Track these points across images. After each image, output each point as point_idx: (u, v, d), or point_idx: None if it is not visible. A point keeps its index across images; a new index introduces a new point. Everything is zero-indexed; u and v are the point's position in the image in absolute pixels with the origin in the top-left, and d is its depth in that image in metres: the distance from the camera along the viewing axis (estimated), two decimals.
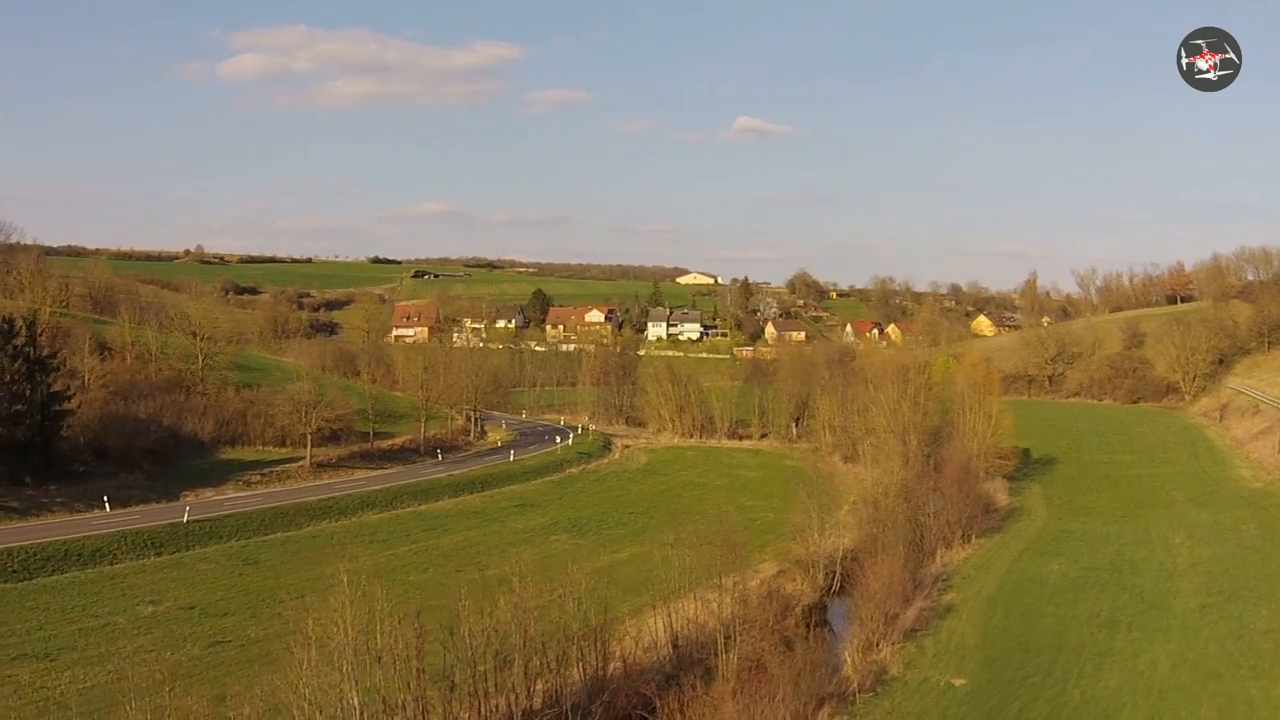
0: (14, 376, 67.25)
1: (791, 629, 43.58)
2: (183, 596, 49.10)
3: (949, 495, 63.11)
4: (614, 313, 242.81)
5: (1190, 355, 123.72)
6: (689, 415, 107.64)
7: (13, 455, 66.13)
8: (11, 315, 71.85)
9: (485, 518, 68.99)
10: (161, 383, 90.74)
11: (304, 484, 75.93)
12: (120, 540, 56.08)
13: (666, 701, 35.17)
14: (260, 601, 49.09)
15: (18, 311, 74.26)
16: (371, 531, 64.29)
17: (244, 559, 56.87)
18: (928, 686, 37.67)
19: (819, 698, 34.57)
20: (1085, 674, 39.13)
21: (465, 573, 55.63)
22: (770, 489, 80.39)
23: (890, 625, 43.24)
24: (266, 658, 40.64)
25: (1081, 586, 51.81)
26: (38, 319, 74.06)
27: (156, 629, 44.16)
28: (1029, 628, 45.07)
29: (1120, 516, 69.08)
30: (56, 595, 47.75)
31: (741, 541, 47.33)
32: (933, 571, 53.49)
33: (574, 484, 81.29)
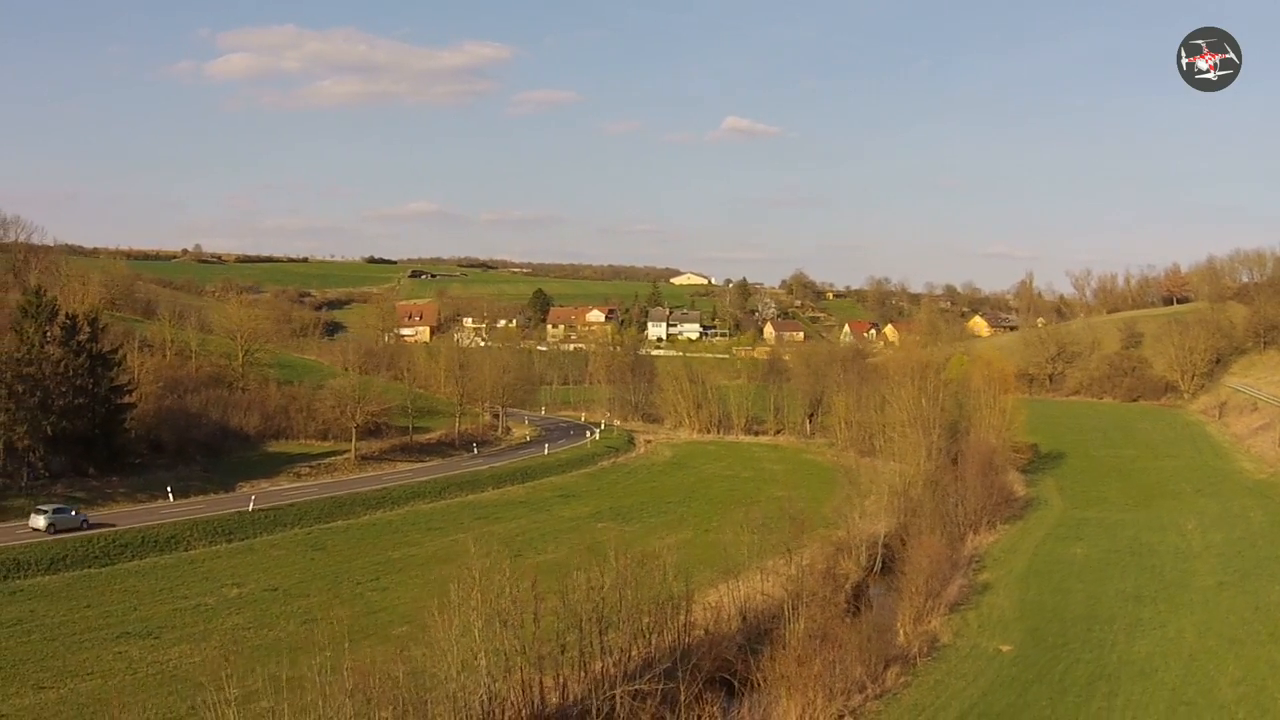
0: (77, 372, 70.21)
1: (843, 604, 47.16)
2: (263, 579, 52.07)
3: (972, 485, 66.73)
4: (614, 312, 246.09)
5: (1189, 355, 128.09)
6: (706, 412, 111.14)
7: (77, 447, 69.20)
8: (74, 313, 74.95)
9: (531, 507, 72.43)
10: (203, 379, 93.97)
11: (351, 475, 79.29)
12: (192, 528, 59.22)
13: (745, 664, 38.91)
14: (337, 583, 52.29)
15: (80, 309, 77.22)
16: (426, 520, 67.58)
17: (311, 545, 60.03)
18: (978, 652, 41.31)
19: (885, 660, 38.13)
20: (1119, 641, 42.87)
21: (525, 557, 59.32)
22: (795, 480, 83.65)
23: (936, 600, 46.89)
24: (361, 632, 43.86)
25: (1105, 567, 55.64)
26: (98, 316, 77.15)
27: (246, 609, 47.07)
28: (1062, 602, 48.82)
29: (1132, 505, 72.94)
30: (142, 579, 50.77)
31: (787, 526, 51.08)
32: (966, 553, 57.12)
33: (607, 476, 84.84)
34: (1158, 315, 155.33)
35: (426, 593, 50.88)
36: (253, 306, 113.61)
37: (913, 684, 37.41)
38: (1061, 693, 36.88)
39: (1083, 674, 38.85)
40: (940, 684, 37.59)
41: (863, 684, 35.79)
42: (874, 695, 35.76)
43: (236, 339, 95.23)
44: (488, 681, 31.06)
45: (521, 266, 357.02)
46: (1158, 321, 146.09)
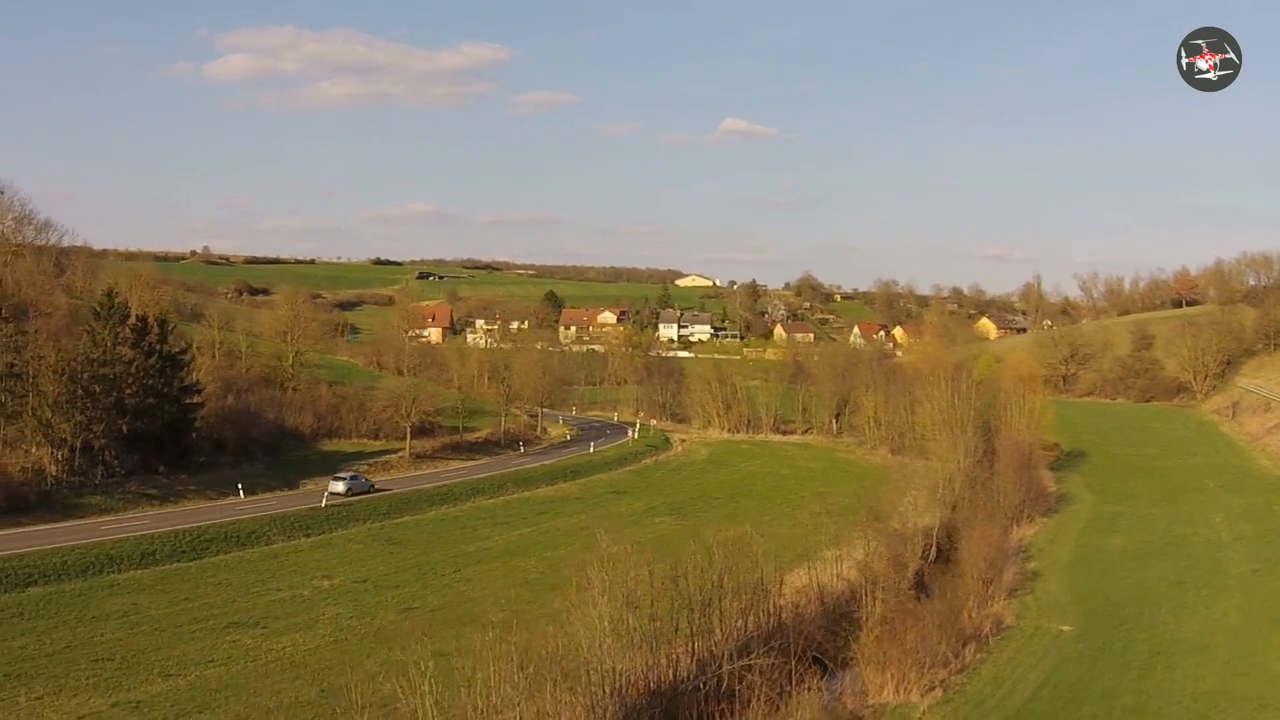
0: (148, 372, 73.27)
1: (907, 590, 50.47)
2: (349, 572, 54.22)
3: (1009, 481, 70.14)
4: (626, 314, 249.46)
5: (1201, 356, 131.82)
6: (735, 412, 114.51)
7: (148, 446, 72.00)
8: (145, 314, 78.17)
9: (586, 503, 75.63)
10: (254, 379, 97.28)
11: (407, 473, 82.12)
12: (270, 523, 61.61)
13: (831, 643, 42.29)
14: (422, 575, 54.64)
15: (150, 311, 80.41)
16: (490, 515, 70.52)
17: (385, 539, 62.40)
18: (1041, 632, 44.71)
19: (961, 638, 41.51)
20: (1168, 621, 46.32)
21: (594, 550, 62.50)
22: (833, 477, 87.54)
23: (994, 586, 50.26)
24: (462, 620, 46.76)
25: (1143, 556, 59.10)
26: (167, 318, 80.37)
27: (342, 600, 49.09)
28: (1109, 588, 52.25)
29: (1160, 500, 76.40)
30: (231, 572, 52.77)
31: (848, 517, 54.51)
32: (1012, 544, 60.52)
33: (652, 473, 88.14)
34: (1168, 317, 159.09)
35: (509, 582, 54.72)
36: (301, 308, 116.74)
37: (988, 660, 40.79)
38: (1124, 666, 40.31)
39: (1141, 650, 42.28)
40: (1013, 660, 40.98)
41: (946, 659, 39.14)
42: (956, 670, 39.10)
43: (288, 340, 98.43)
44: (616, 660, 34.19)
45: (525, 268, 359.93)
46: (1169, 324, 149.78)
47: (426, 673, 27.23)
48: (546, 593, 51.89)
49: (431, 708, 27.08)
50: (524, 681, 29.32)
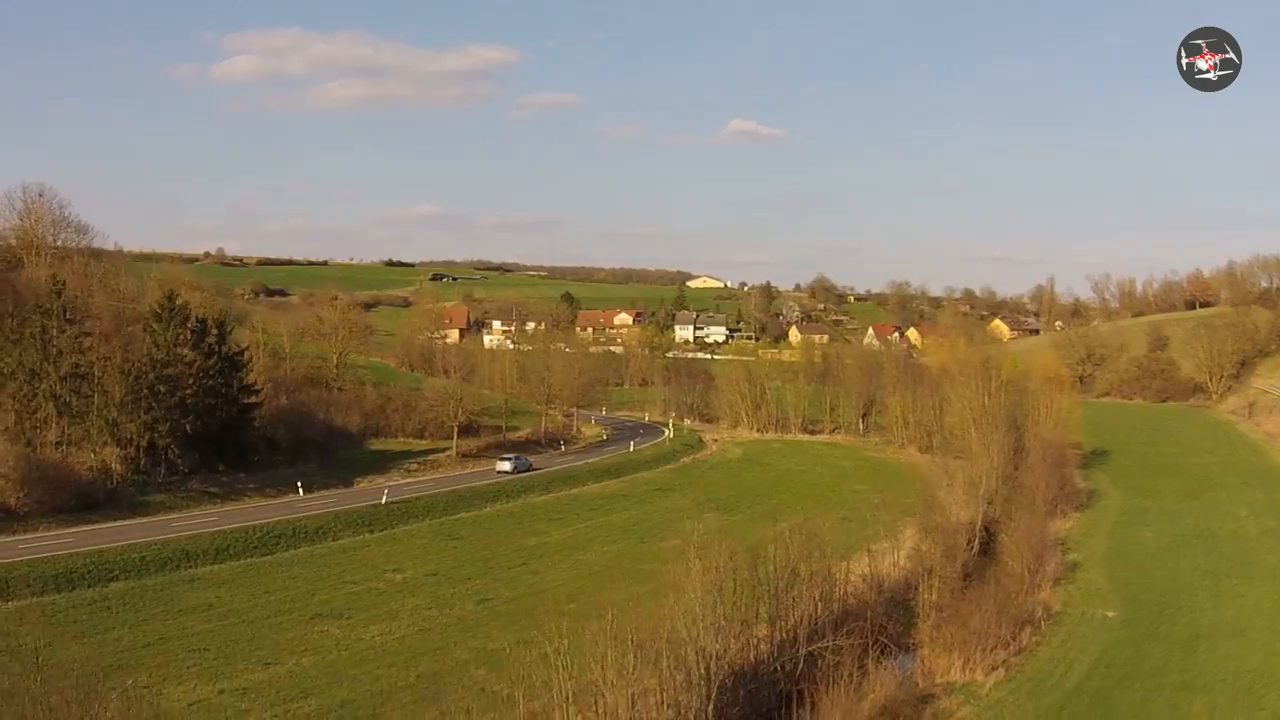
0: (208, 373, 76.29)
1: (957, 579, 53.37)
2: (419, 565, 56.44)
3: (1041, 478, 72.89)
4: (642, 315, 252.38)
5: (1217, 357, 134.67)
6: (764, 412, 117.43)
7: (208, 445, 74.84)
8: (204, 316, 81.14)
9: (634, 499, 78.51)
10: (299, 379, 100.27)
11: (455, 471, 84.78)
12: (335, 519, 63.99)
13: (894, 627, 45.23)
14: (489, 568, 57.06)
15: (209, 313, 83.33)
16: (543, 511, 73.21)
17: (446, 534, 64.88)
18: (1088, 617, 47.67)
19: (1016, 623, 44.46)
20: (1206, 608, 49.27)
21: (648, 544, 65.43)
22: (865, 475, 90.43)
23: (1038, 575, 53.14)
24: (536, 610, 49.04)
25: (1175, 549, 62.02)
26: (225, 320, 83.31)
27: (417, 592, 51.20)
28: (1147, 577, 55.19)
29: (1185, 496, 79.21)
30: (304, 567, 54.94)
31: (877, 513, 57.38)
32: (1050, 538, 63.35)
33: (692, 471, 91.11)
34: (1182, 319, 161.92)
35: (575, 574, 57.51)
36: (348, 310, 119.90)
37: (1043, 643, 43.76)
38: (1170, 648, 43.29)
39: (1183, 634, 45.25)
40: (1066, 642, 43.95)
41: (1005, 642, 42.11)
42: (1014, 652, 42.07)
43: (333, 340, 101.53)
44: (709, 640, 37.04)
45: (535, 269, 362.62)
46: (1184, 325, 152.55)
47: (562, 652, 29.84)
48: (611, 584, 54.77)
49: (567, 682, 29.88)
50: (636, 660, 32.31)
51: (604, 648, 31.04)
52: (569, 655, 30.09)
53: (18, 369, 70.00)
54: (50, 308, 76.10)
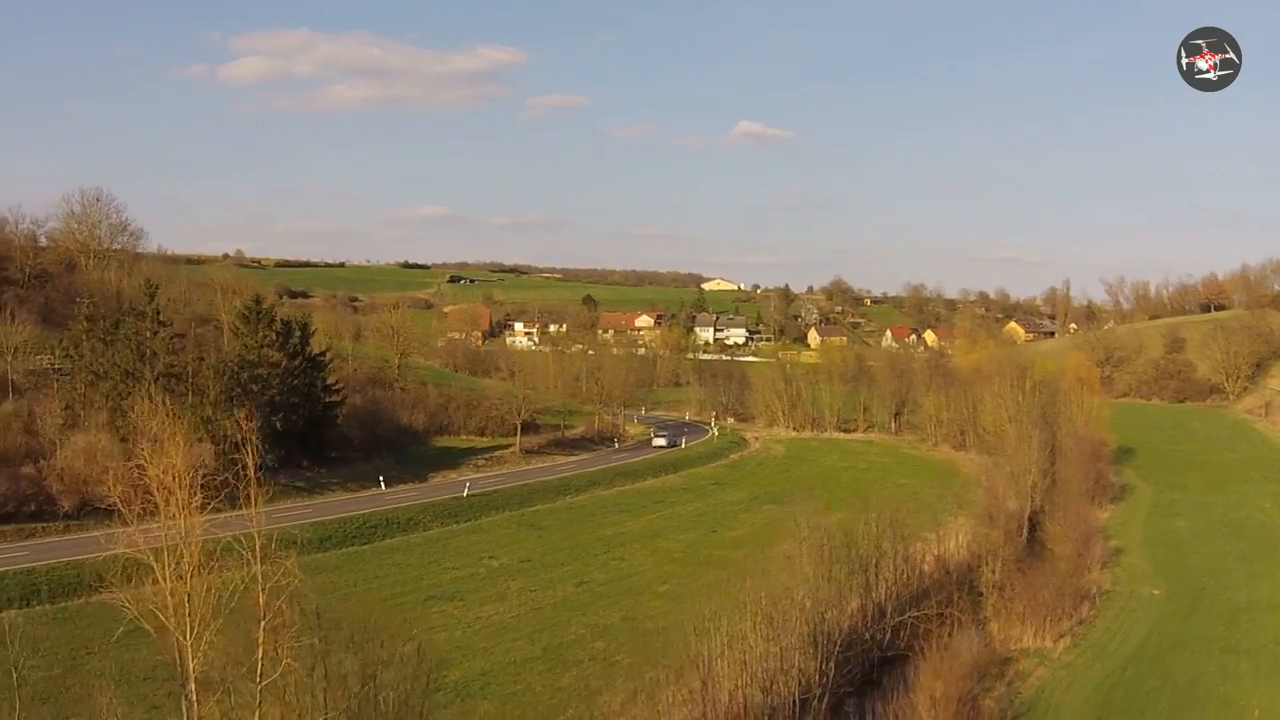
0: (293, 373, 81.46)
1: (1014, 560, 58.58)
2: (511, 553, 60.56)
3: (1078, 472, 78.05)
4: (663, 317, 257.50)
5: (1233, 359, 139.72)
6: (799, 411, 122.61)
7: (293, 442, 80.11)
8: (289, 319, 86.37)
9: (694, 493, 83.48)
10: (364, 380, 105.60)
11: (520, 467, 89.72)
12: (422, 512, 68.16)
13: (963, 602, 50.41)
14: (577, 555, 61.48)
15: (293, 317, 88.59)
16: (612, 504, 77.95)
17: (528, 525, 69.23)
18: (1137, 594, 52.98)
19: (1077, 598, 49.72)
20: (1242, 587, 54.56)
21: (719, 533, 70.64)
22: (906, 470, 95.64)
23: (1086, 558, 58.36)
24: (631, 591, 54.63)
25: (1207, 536, 67.29)
26: (308, 322, 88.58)
27: (517, 576, 55.21)
28: (1184, 561, 60.46)
29: (1210, 490, 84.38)
30: (404, 554, 58.94)
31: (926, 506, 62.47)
32: (1093, 526, 68.58)
33: (742, 467, 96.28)
34: (1198, 321, 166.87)
35: (658, 560, 62.62)
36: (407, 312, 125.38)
37: (1099, 616, 49.10)
38: (1213, 620, 48.62)
39: (1224, 608, 50.56)
40: (1119, 616, 49.27)
41: (1069, 614, 47.39)
42: (1076, 623, 47.37)
43: (394, 341, 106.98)
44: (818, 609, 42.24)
45: (548, 271, 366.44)
46: (1200, 328, 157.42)
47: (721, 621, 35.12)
48: (697, 569, 60.07)
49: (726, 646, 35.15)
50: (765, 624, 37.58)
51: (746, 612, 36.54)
52: (718, 618, 35.37)
53: (111, 369, 75.17)
54: (144, 310, 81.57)
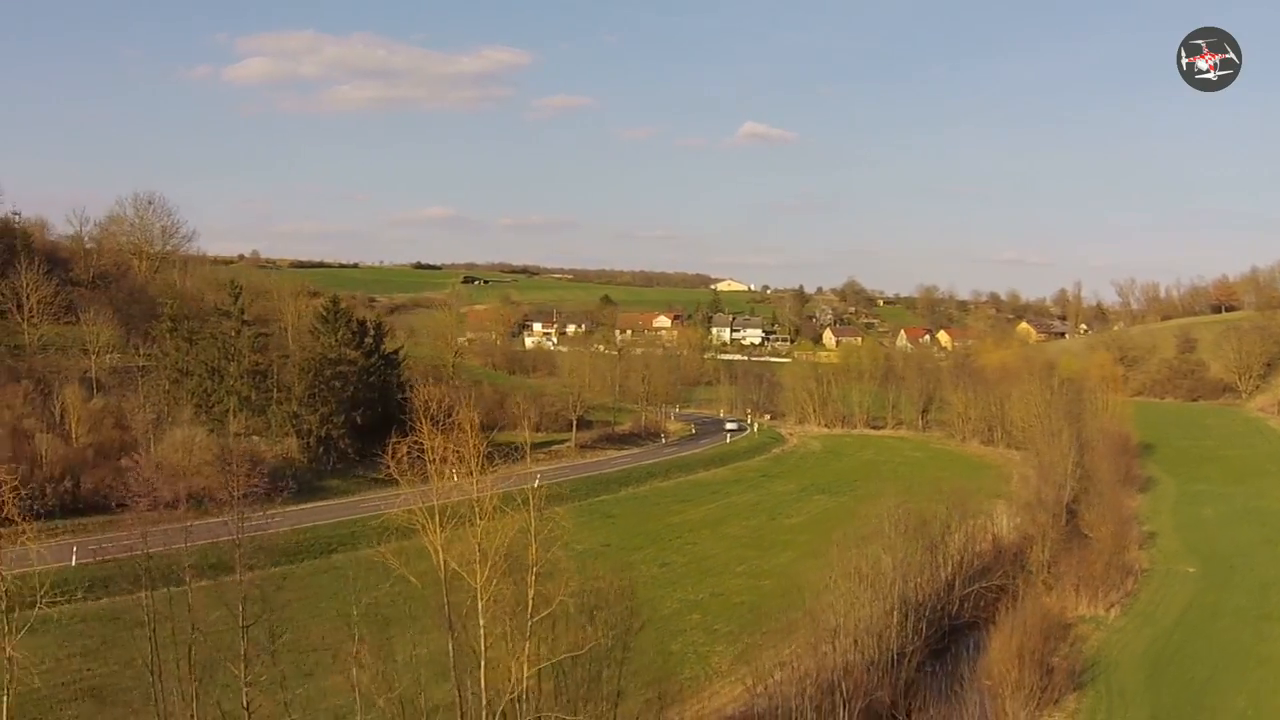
0: (370, 370, 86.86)
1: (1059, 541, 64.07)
2: (590, 538, 63.61)
3: (1107, 464, 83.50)
4: (679, 318, 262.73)
5: (1245, 358, 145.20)
6: (830, 408, 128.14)
7: (370, 435, 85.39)
8: (364, 319, 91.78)
9: (746, 484, 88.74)
10: (419, 376, 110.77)
11: (575, 461, 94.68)
12: (500, 501, 74.86)
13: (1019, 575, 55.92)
14: (651, 541, 66.26)
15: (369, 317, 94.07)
16: (672, 494, 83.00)
17: (599, 513, 73.42)
18: (1173, 572, 58.57)
19: (1121, 572, 55.25)
20: (1269, 566, 60.18)
21: (778, 521, 76.02)
22: (939, 464, 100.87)
23: (1124, 540, 63.84)
24: (710, 571, 59.90)
25: (1233, 521, 72.86)
26: (382, 322, 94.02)
27: (599, 558, 56.34)
28: (1214, 543, 66.04)
29: (1231, 482, 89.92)
30: None
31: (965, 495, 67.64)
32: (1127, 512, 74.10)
33: (785, 461, 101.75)
34: (1210, 322, 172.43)
35: (729, 545, 67.90)
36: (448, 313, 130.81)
37: (1142, 589, 54.70)
38: (1245, 593, 54.24)
39: (1254, 583, 56.16)
40: (1160, 589, 54.87)
41: (1116, 586, 52.93)
42: (1123, 595, 52.92)
43: (448, 339, 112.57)
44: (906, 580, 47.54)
45: (558, 272, 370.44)
46: (1212, 328, 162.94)
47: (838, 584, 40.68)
48: (765, 551, 65.64)
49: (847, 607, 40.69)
50: (870, 588, 43.06)
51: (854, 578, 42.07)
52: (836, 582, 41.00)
53: (196, 366, 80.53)
54: (230, 310, 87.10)
